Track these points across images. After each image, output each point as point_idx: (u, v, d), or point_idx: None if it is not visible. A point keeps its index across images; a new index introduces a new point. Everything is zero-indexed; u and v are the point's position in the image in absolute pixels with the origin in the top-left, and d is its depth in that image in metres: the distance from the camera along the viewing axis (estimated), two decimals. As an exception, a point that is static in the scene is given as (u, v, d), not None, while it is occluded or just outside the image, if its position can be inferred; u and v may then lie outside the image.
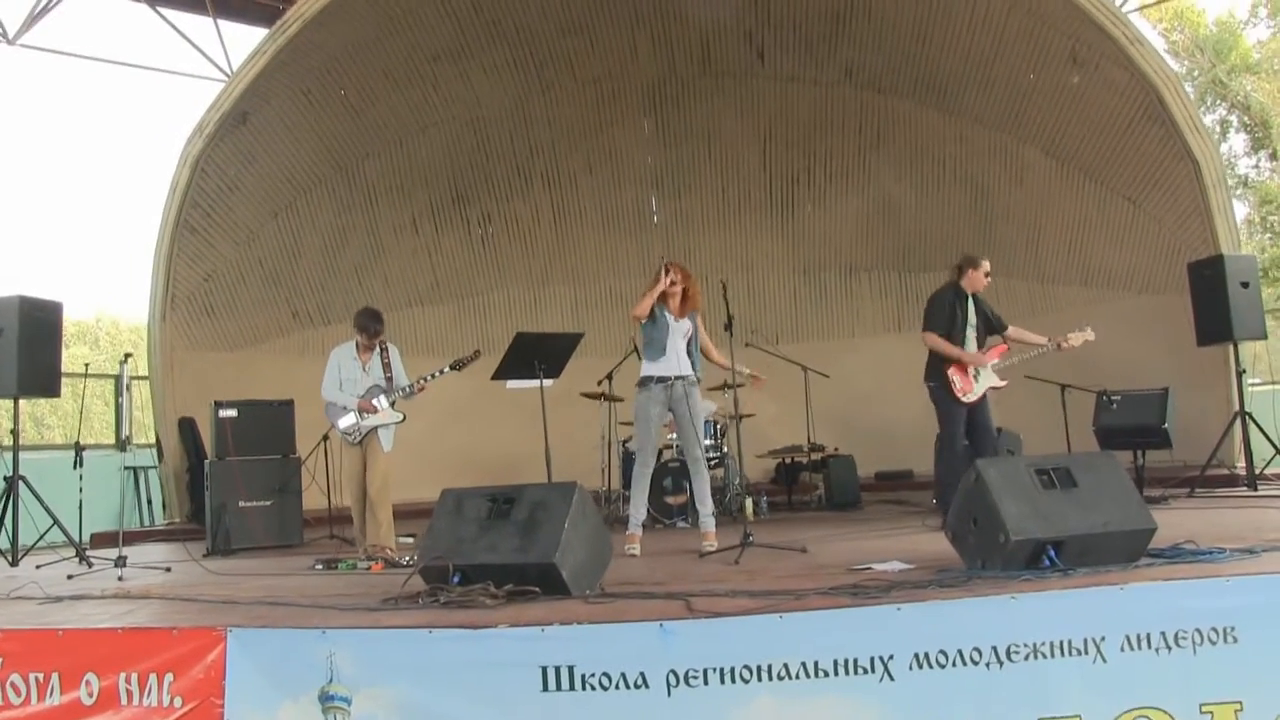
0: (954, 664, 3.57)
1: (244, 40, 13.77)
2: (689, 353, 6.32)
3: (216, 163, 9.72)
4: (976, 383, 6.84)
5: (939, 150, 11.34)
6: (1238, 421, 8.38)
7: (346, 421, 7.00)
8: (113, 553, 6.64)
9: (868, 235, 12.27)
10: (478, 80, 11.04)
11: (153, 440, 10.62)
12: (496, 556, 4.37)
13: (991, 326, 7.07)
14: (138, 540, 9.27)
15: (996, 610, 3.67)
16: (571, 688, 3.57)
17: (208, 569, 6.55)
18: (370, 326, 6.99)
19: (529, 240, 12.53)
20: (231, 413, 8.48)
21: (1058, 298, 10.91)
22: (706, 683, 3.54)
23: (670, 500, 8.79)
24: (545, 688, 3.58)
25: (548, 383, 6.20)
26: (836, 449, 10.04)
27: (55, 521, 7.62)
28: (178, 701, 3.93)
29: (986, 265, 7.08)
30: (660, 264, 6.19)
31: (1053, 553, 4.18)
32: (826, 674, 3.55)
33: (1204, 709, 3.61)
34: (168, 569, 6.65)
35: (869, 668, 3.55)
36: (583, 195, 12.41)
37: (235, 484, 8.30)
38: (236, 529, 8.20)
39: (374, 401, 6.95)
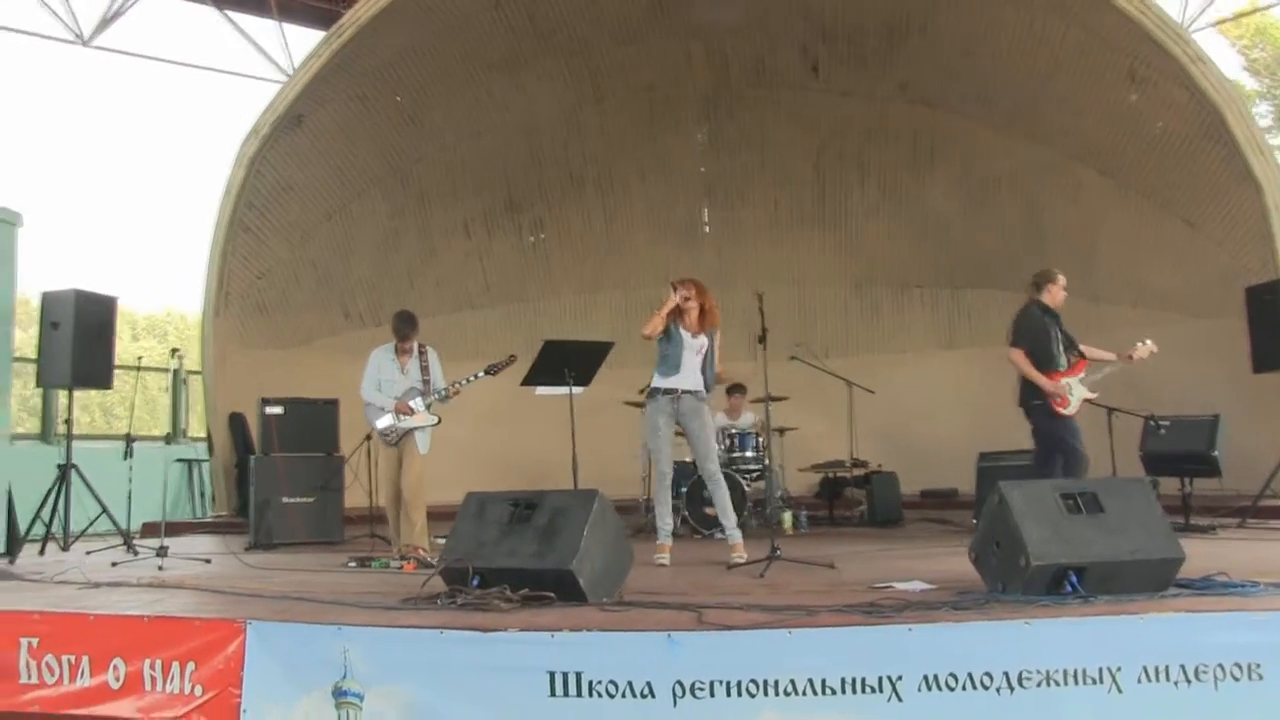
0: (964, 687, 3.51)
1: (306, 42, 14.07)
2: (703, 369, 6.28)
3: (271, 164, 9.93)
4: (1072, 397, 6.71)
5: (991, 166, 11.21)
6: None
7: (384, 422, 7.10)
8: (158, 543, 6.83)
9: (919, 250, 12.16)
10: (531, 88, 11.13)
11: (206, 434, 10.87)
12: (515, 561, 4.41)
13: (1071, 342, 6.94)
14: (186, 532, 9.47)
15: (1010, 635, 3.61)
16: (579, 694, 3.58)
17: (245, 562, 6.68)
18: (402, 330, 7.12)
19: (580, 247, 12.61)
20: (278, 410, 8.65)
21: (1109, 318, 10.66)
22: (713, 695, 3.53)
23: (709, 511, 8.74)
24: (553, 693, 3.59)
25: (577, 390, 6.21)
26: (880, 465, 9.94)
27: (104, 509, 7.83)
28: (198, 690, 4.02)
29: (1064, 280, 6.99)
30: (669, 283, 6.20)
31: (1074, 579, 4.10)
32: (834, 691, 3.51)
33: (1223, 745, 3.53)
34: (208, 561, 6.78)
35: (877, 687, 3.51)
36: (634, 203, 12.47)
37: (279, 480, 8.46)
38: (278, 524, 8.36)
39: (410, 403, 7.04)
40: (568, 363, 6.18)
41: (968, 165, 11.42)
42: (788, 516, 8.98)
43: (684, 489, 8.79)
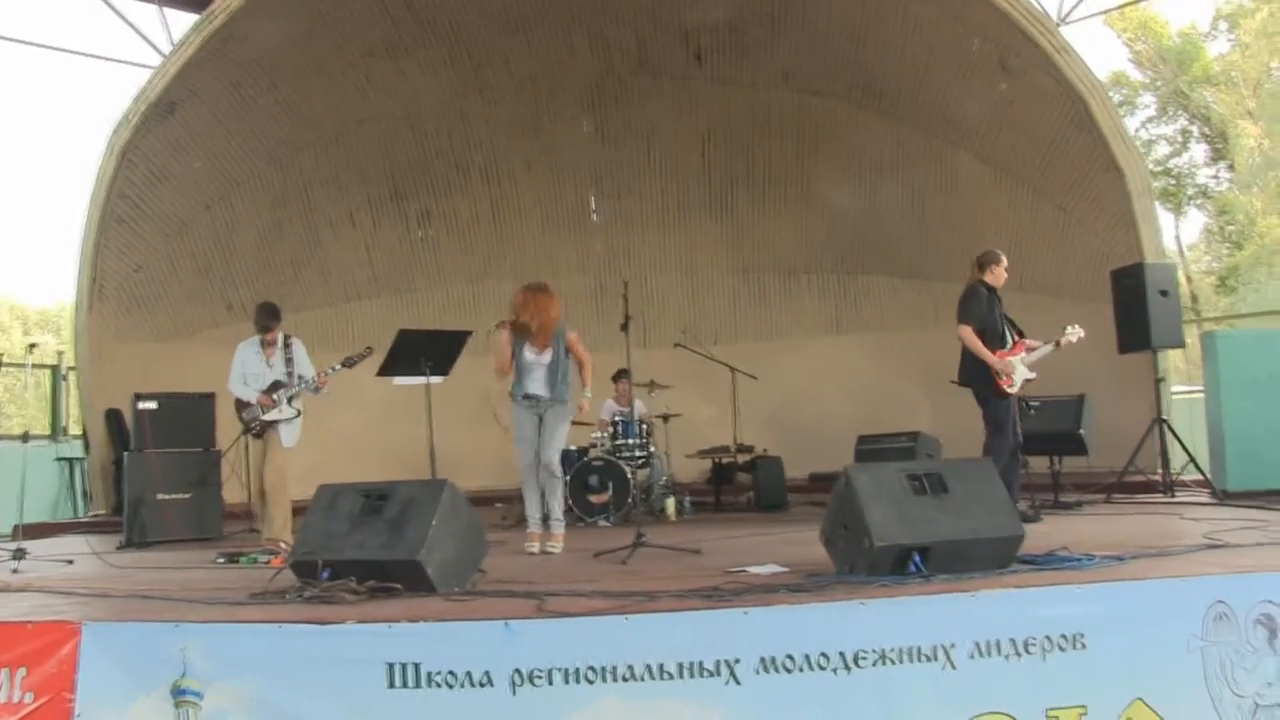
0: (801, 669, 3.57)
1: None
2: (550, 378, 6.27)
3: (144, 153, 9.61)
4: (1015, 374, 6.83)
5: (876, 154, 11.37)
6: (1157, 428, 8.44)
7: (248, 414, 6.99)
8: (30, 545, 6.59)
9: (807, 237, 12.28)
10: (414, 77, 10.98)
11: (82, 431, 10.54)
12: (364, 553, 4.37)
13: (1010, 322, 7.07)
14: (63, 532, 9.17)
15: (844, 616, 3.67)
16: (417, 685, 3.55)
17: (109, 562, 6.50)
18: (264, 321, 7.02)
19: (468, 237, 12.47)
20: (151, 405, 8.44)
21: (993, 302, 10.97)
22: (551, 682, 3.53)
23: (593, 499, 8.79)
24: (391, 684, 3.56)
25: (436, 380, 6.16)
26: (766, 450, 10.04)
27: (-39, 514, 7.53)
28: (29, 697, 3.87)
29: (1006, 260, 7.13)
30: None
31: (919, 559, 4.18)
32: (671, 676, 3.54)
33: (1050, 714, 3.64)
34: (70, 562, 6.55)
35: (714, 670, 3.54)
36: (522, 192, 12.37)
37: (153, 476, 8.25)
38: (153, 521, 8.16)
39: (273, 397, 6.93)
40: (424, 352, 6.11)
41: (853, 153, 11.55)
42: (670, 503, 9.03)
43: (567, 477, 8.78)
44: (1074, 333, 7.21)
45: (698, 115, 11.83)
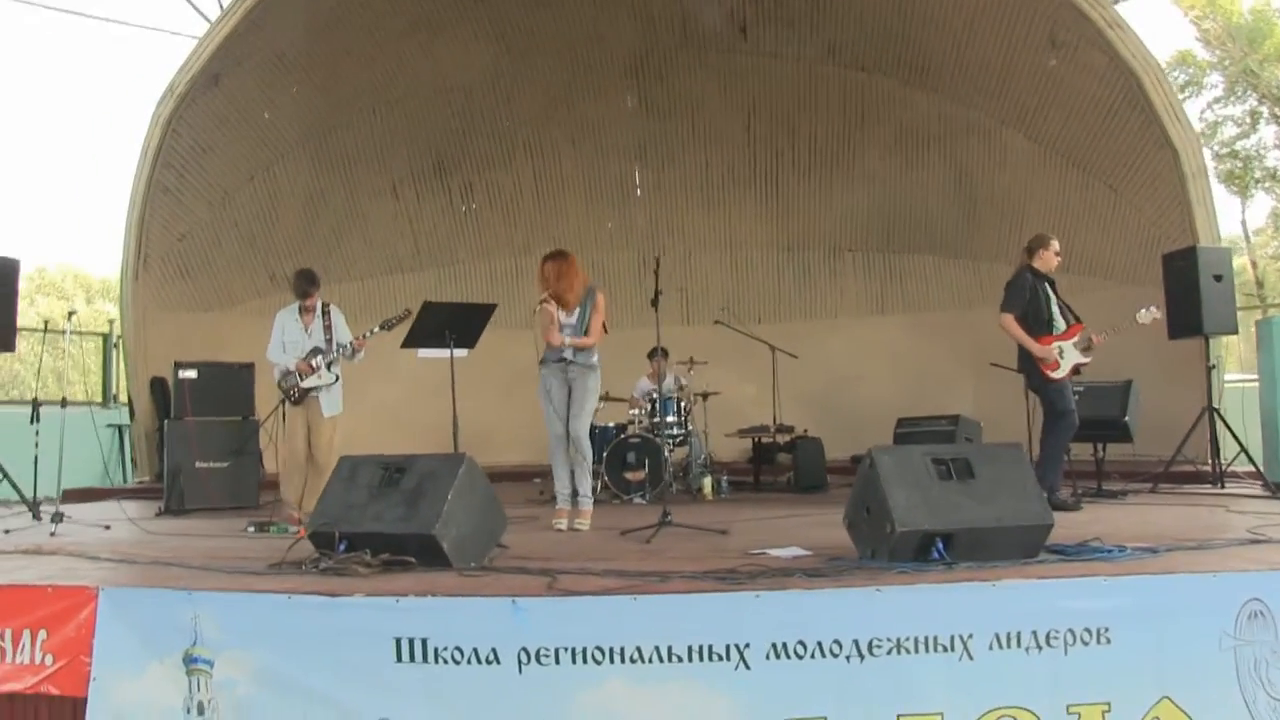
0: (813, 655, 3.49)
1: None
2: (579, 329, 6.26)
3: (189, 124, 9.67)
4: (1062, 360, 6.74)
5: (923, 130, 11.17)
6: (1207, 417, 8.20)
7: (288, 382, 7.01)
8: (75, 510, 6.70)
9: (852, 215, 12.12)
10: (455, 49, 10.93)
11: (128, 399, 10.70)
12: (381, 525, 4.36)
13: (1065, 306, 6.97)
14: (110, 497, 9.28)
15: (859, 603, 3.59)
16: (425, 660, 3.55)
17: (143, 529, 6.59)
18: (303, 288, 7.03)
19: (512, 210, 12.46)
20: (191, 374, 8.51)
21: (1041, 283, 10.75)
22: (558, 662, 3.50)
23: (629, 476, 8.73)
24: (399, 658, 3.56)
25: (461, 352, 6.13)
26: (806, 431, 9.93)
27: (4, 475, 7.65)
28: (49, 659, 3.97)
29: (1056, 244, 7.00)
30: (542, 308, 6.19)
31: (941, 545, 4.08)
32: (680, 659, 3.49)
33: (1071, 710, 3.53)
34: (107, 527, 6.65)
35: (724, 655, 3.49)
36: (566, 166, 12.32)
37: (191, 444, 8.35)
38: (191, 489, 8.26)
39: (311, 362, 6.93)
40: (449, 325, 6.07)
41: (899, 129, 11.36)
42: (708, 482, 8.95)
43: (604, 454, 8.74)
44: (1147, 315, 7.06)
45: (743, 89, 11.68)
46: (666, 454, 8.68)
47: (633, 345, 8.87)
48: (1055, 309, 6.83)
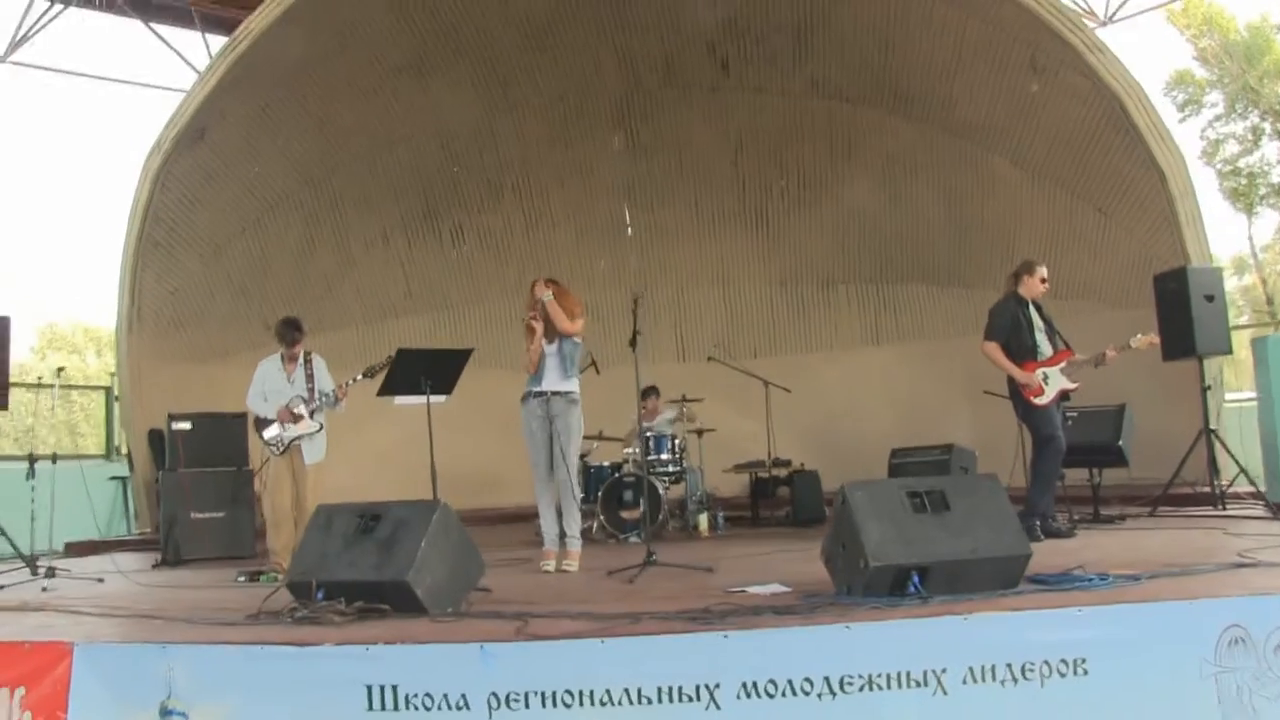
0: (784, 694, 3.46)
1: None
2: (564, 362, 6.29)
3: (177, 178, 9.77)
4: (1047, 386, 6.71)
5: (910, 160, 11.20)
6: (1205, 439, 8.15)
7: (270, 433, 6.98)
8: (74, 563, 6.68)
9: (844, 247, 12.14)
10: (441, 95, 11.03)
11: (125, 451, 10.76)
12: (356, 573, 4.35)
13: (1052, 331, 6.95)
14: (111, 550, 9.30)
15: (829, 639, 3.55)
16: (395, 707, 3.52)
17: (135, 581, 6.57)
18: (288, 335, 7.02)
19: (502, 252, 12.51)
20: (185, 425, 8.54)
21: (1032, 310, 10.74)
22: (528, 706, 3.47)
23: (625, 515, 8.68)
24: (370, 707, 3.54)
25: (439, 399, 6.13)
26: (803, 464, 9.90)
27: (1, 531, 7.65)
28: (26, 716, 3.93)
29: (1043, 271, 6.95)
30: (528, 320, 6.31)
31: (917, 579, 4.04)
32: (650, 701, 3.46)
33: (1050, 743, 3.48)
34: (100, 580, 6.65)
35: (694, 695, 3.46)
36: (555, 208, 12.39)
37: (186, 496, 8.36)
38: (186, 540, 8.27)
39: (294, 410, 6.92)
40: (425, 371, 6.08)
41: (886, 159, 11.39)
42: (703, 518, 8.92)
43: (599, 493, 8.71)
44: (1141, 340, 7.06)
45: (728, 125, 11.76)
46: (662, 491, 8.66)
47: (621, 383, 8.83)
48: (1040, 335, 6.81)
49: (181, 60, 14.37)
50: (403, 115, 11.12)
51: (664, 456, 9.07)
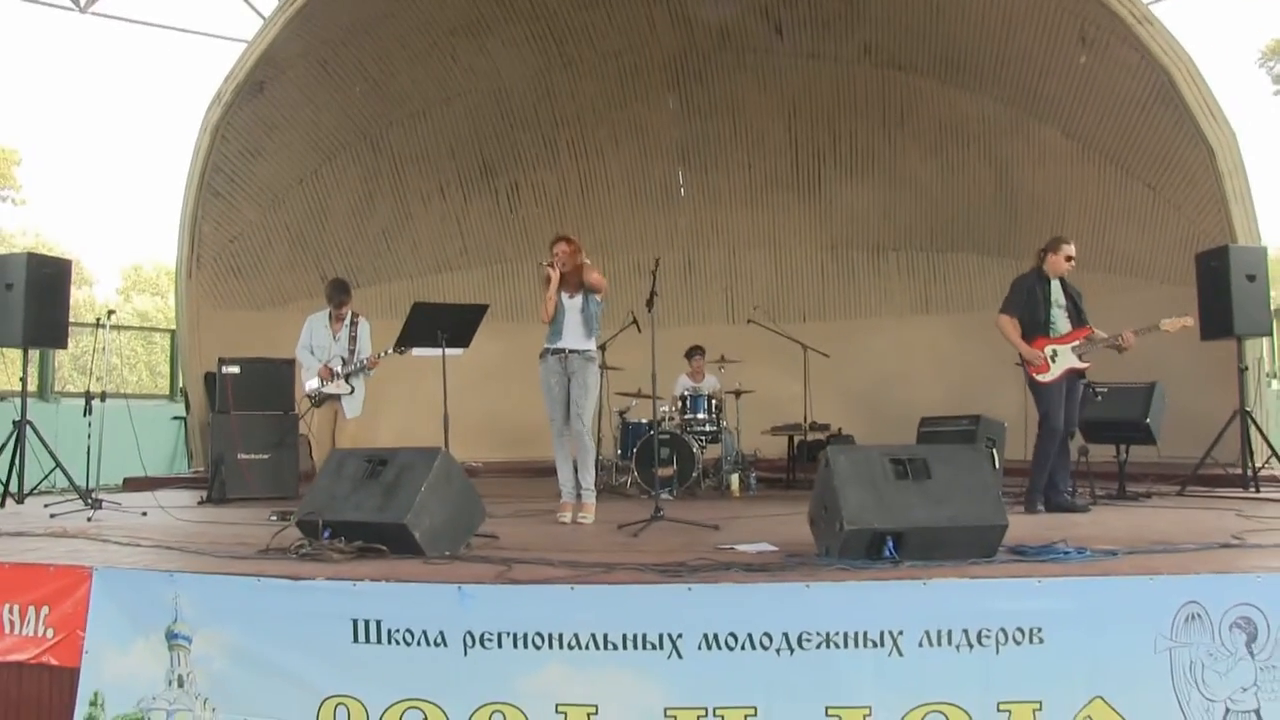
0: (743, 647, 3.61)
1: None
2: (587, 320, 6.41)
3: (237, 129, 10.10)
4: (1054, 363, 6.69)
5: (963, 129, 11.11)
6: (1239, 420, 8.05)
7: (311, 385, 7.40)
8: (128, 497, 7.08)
9: (895, 214, 12.11)
10: (497, 54, 11.19)
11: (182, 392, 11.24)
12: (360, 514, 4.59)
13: (1075, 309, 6.88)
14: (167, 486, 9.74)
15: (788, 597, 3.69)
16: (379, 640, 3.75)
17: (175, 516, 6.91)
18: (336, 296, 7.45)
19: (557, 210, 12.68)
20: (234, 369, 8.84)
21: (1082, 284, 10.53)
22: (500, 646, 3.67)
23: (659, 472, 8.80)
24: (356, 639, 3.77)
25: (455, 351, 6.34)
26: (840, 429, 9.97)
27: (57, 464, 8.09)
28: (49, 633, 4.27)
29: (1068, 249, 6.87)
30: (544, 268, 6.35)
31: (892, 544, 4.15)
32: (616, 646, 3.63)
33: (1001, 707, 3.58)
34: (143, 514, 7.01)
35: (658, 644, 3.62)
36: (610, 168, 12.52)
37: (234, 437, 8.67)
38: (233, 479, 8.57)
39: (333, 368, 7.32)
40: (440, 325, 6.28)
41: (939, 127, 11.32)
42: (735, 479, 9.05)
43: (634, 450, 8.89)
44: (1174, 322, 6.90)
45: (782, 90, 11.74)
46: (696, 451, 8.82)
47: (671, 344, 8.96)
48: (1057, 311, 6.76)
49: (251, 9, 14.67)
50: (459, 74, 11.32)
51: (700, 416, 9.22)
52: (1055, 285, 6.87)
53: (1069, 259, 6.89)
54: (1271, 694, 3.62)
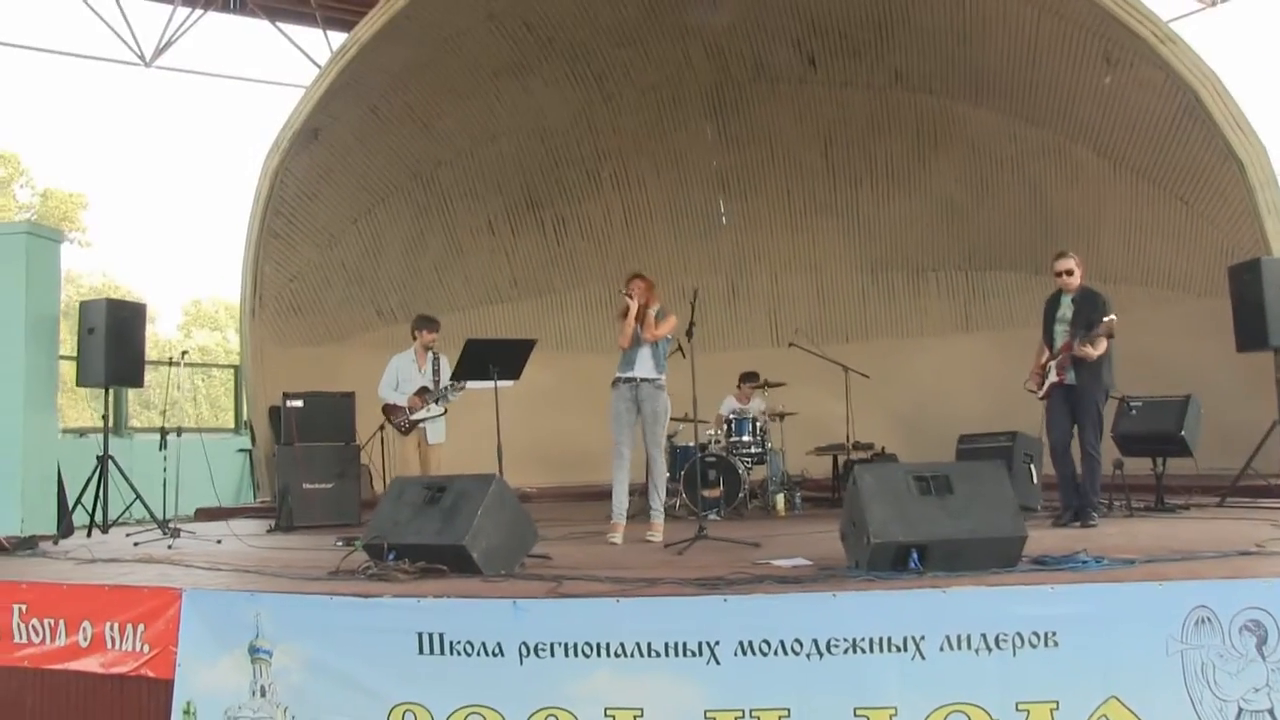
0: (776, 653, 3.88)
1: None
2: (657, 355, 6.78)
3: (294, 174, 10.60)
4: (1046, 378, 6.96)
5: (996, 150, 11.30)
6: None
7: (397, 418, 8.21)
8: (202, 526, 7.52)
9: (932, 235, 12.30)
10: (540, 92, 11.62)
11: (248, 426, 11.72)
12: (421, 538, 4.94)
13: (1080, 322, 6.91)
14: (236, 516, 10.17)
15: (817, 606, 3.97)
16: (442, 652, 4.09)
17: (247, 544, 7.33)
18: (428, 325, 8.38)
19: (602, 241, 13.06)
20: (298, 403, 9.24)
21: (1119, 298, 10.63)
22: (553, 655, 3.99)
23: (707, 494, 9.10)
24: (421, 651, 4.10)
25: (507, 384, 6.72)
26: (883, 448, 10.16)
27: (137, 495, 8.59)
28: (146, 648, 4.70)
29: (1057, 264, 7.05)
30: (624, 298, 6.83)
31: (916, 556, 4.41)
32: (659, 654, 3.93)
33: (1020, 707, 3.81)
34: (218, 541, 7.44)
35: (697, 651, 3.91)
36: (652, 197, 12.87)
37: (298, 468, 9.05)
38: (299, 508, 8.90)
39: (421, 398, 8.11)
40: (491, 359, 6.68)
41: (972, 150, 11.52)
42: (780, 499, 9.28)
43: (681, 472, 9.16)
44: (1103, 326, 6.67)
45: (817, 118, 12.03)
46: (742, 472, 9.07)
47: (717, 368, 9.25)
48: (1059, 328, 6.95)
49: (306, 58, 15.31)
50: (504, 113, 11.75)
51: (745, 438, 9.46)
52: (1066, 301, 7.01)
53: (1058, 274, 7.04)
54: (1286, 694, 3.81)
